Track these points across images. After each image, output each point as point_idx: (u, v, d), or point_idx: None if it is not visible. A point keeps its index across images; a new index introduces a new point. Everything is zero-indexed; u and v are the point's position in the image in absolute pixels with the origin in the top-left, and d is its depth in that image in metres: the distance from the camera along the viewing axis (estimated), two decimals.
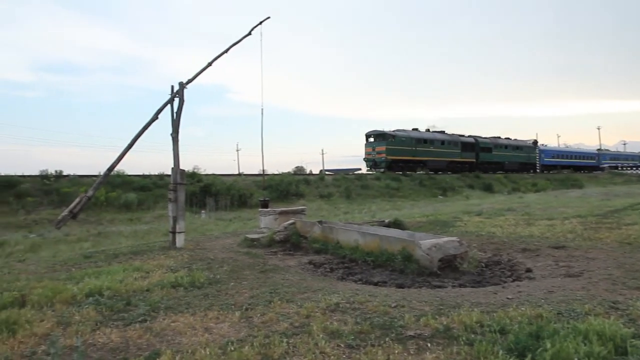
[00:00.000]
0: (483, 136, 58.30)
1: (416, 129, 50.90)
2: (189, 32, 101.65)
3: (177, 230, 10.52)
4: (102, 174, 11.39)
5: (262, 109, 12.59)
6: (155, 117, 10.42)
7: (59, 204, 22.37)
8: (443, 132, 53.98)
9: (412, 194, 36.76)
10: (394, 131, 47.34)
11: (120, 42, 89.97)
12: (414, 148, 48.07)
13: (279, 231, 10.92)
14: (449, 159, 51.80)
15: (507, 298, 5.48)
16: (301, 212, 12.80)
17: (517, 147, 61.24)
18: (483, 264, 8.14)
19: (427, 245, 7.53)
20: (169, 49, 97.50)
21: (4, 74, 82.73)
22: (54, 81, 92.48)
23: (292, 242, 10.62)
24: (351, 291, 6.03)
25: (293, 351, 3.94)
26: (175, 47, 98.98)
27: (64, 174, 26.02)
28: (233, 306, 5.42)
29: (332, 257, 9.09)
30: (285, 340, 4.15)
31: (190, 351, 3.99)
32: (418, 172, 47.97)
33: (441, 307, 5.13)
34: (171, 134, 10.68)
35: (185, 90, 10.82)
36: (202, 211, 22.88)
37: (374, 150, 46.60)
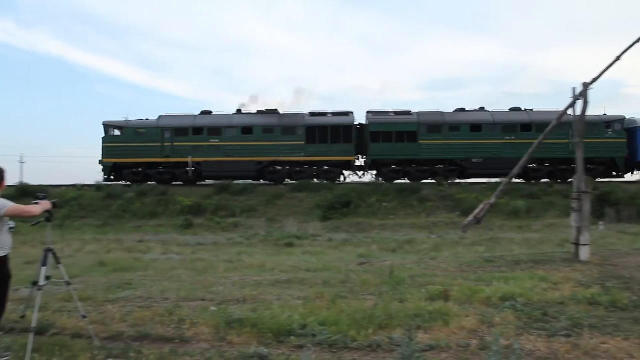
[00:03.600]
0: (392, 110, 29.79)
1: (208, 112, 30.09)
2: (561, 30, 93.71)
3: (582, 242, 9.81)
4: (502, 181, 11.69)
5: None
6: (556, 123, 10.02)
7: (453, 208, 24.32)
8: (275, 111, 29.91)
9: None
10: (123, 121, 29.34)
11: (497, 53, 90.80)
12: (165, 144, 28.28)
13: None
14: (266, 159, 28.23)
15: None
16: None
17: (525, 124, 28.37)
18: None
19: None
20: (544, 51, 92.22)
21: (401, 95, 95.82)
22: (438, 97, 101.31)
23: None
24: None
25: None
26: (550, 47, 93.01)
27: (457, 181, 28.18)
28: None
29: None
30: None
31: None
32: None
33: None
34: (575, 140, 10.04)
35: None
36: (600, 222, 20.67)
37: None
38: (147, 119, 29.67)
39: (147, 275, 9.72)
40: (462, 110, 30.00)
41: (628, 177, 29.55)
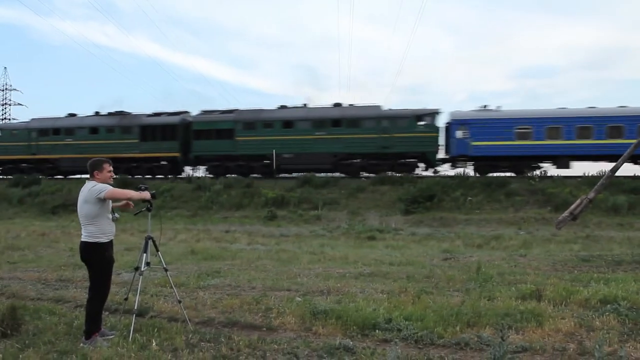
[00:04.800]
0: (222, 109, 31.68)
1: (73, 115, 33.86)
2: None
3: None
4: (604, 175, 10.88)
5: None
6: None
7: (544, 203, 22.97)
8: (121, 112, 32.81)
9: None
10: (2, 123, 36.71)
11: (598, 37, 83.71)
12: (32, 143, 32.67)
13: None
14: (108, 155, 25.64)
15: None
16: None
17: (335, 120, 28.58)
18: None
19: None
20: None
21: (490, 86, 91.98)
22: (530, 85, 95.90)
23: None
24: None
25: None
26: None
27: (548, 175, 26.63)
28: None
29: None
30: None
31: None
32: None
33: None
34: None
35: None
36: None
37: None
38: (23, 122, 34.78)
39: (234, 265, 10.11)
40: (284, 107, 30.81)
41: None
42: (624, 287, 6.63)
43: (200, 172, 31.78)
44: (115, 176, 5.33)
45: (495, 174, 27.36)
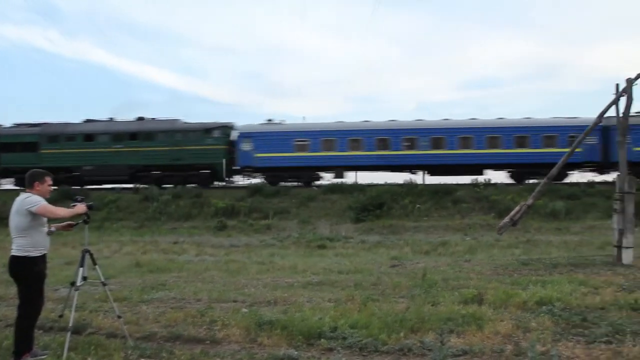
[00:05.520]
0: (26, 122, 32.33)
1: None
2: (609, 24, 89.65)
3: (624, 245, 9.45)
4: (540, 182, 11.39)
5: None
6: (598, 121, 9.70)
7: (489, 210, 23.81)
8: None
9: None
10: None
11: (535, 50, 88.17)
12: None
13: None
14: None
15: None
16: None
17: (132, 133, 30.17)
18: None
19: None
20: (588, 46, 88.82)
21: (436, 96, 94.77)
22: (477, 96, 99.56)
23: None
24: None
25: None
26: (596, 42, 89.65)
27: (492, 182, 27.59)
28: None
29: None
30: None
31: None
32: None
33: None
34: (617, 140, 9.70)
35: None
36: None
37: None
38: None
39: (180, 277, 9.88)
40: (91, 121, 31.59)
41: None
42: (559, 288, 6.94)
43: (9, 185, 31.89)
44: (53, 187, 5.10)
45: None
